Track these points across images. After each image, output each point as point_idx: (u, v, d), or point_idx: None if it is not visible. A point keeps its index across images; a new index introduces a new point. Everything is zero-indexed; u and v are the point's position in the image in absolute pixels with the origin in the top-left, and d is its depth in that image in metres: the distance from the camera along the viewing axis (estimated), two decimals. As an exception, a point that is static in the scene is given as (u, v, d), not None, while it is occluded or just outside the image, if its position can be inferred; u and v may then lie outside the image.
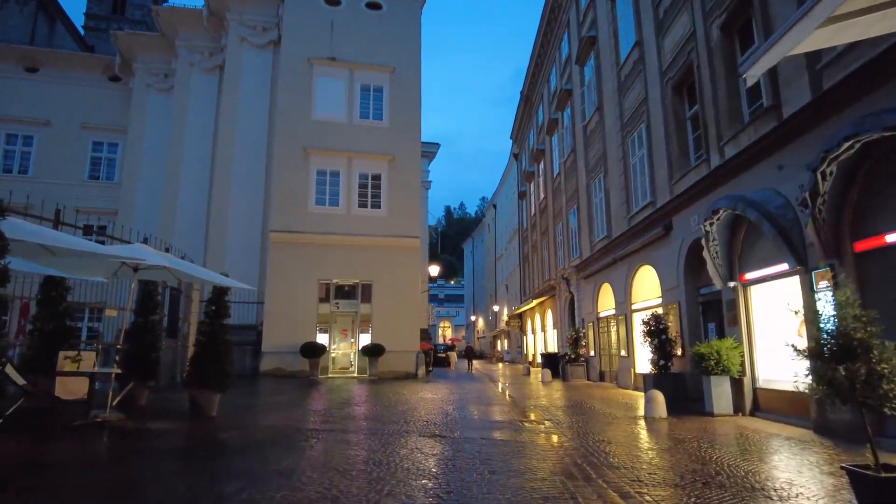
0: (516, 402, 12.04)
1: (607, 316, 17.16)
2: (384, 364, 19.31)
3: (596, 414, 9.77)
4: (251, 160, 22.01)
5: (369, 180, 20.91)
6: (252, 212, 21.34)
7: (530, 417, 9.34)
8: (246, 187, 22.22)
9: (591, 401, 12.10)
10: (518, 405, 11.32)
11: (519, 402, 11.98)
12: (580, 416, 9.51)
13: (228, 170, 22.51)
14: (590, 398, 12.71)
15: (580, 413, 9.89)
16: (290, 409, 9.70)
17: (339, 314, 20.27)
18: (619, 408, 10.81)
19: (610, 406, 11.07)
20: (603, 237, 16.99)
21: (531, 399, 12.63)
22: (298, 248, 19.91)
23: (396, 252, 20.49)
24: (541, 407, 10.95)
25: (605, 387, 15.83)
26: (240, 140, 22.71)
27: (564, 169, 22.37)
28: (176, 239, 21.71)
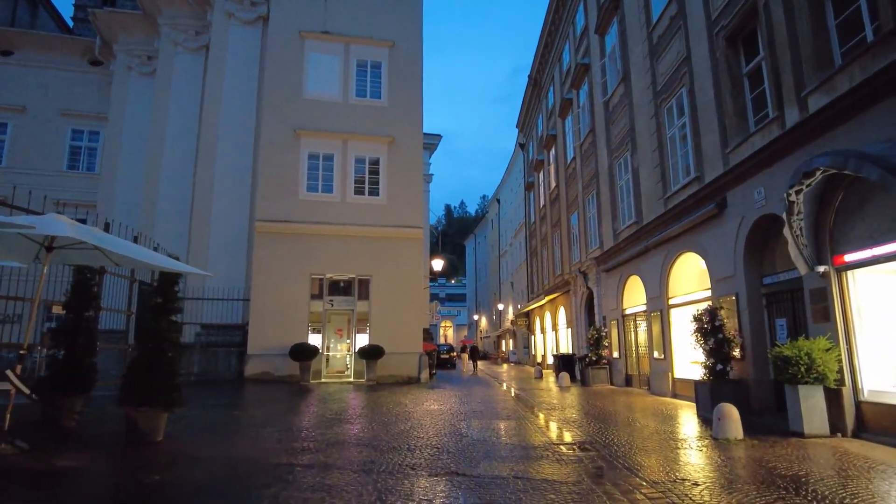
0: (538, 413, 10.09)
1: (636, 313, 15.20)
2: (384, 367, 17.37)
3: (646, 432, 7.82)
4: (238, 147, 20.04)
5: (366, 165, 18.97)
6: (238, 202, 19.36)
7: (565, 438, 7.38)
8: (232, 176, 20.25)
9: (630, 412, 10.14)
10: (543, 418, 9.37)
11: (542, 413, 10.04)
12: (628, 435, 7.55)
13: (212, 157, 20.55)
14: (626, 408, 10.75)
15: (625, 430, 7.93)
16: (264, 428, 7.74)
17: (334, 312, 18.32)
18: (668, 422, 8.86)
19: (656, 419, 9.12)
20: (630, 223, 15.03)
21: (556, 410, 10.67)
22: (288, 240, 17.96)
23: (397, 244, 18.55)
24: (572, 421, 8.99)
25: (635, 393, 13.86)
26: (225, 124, 20.74)
27: (580, 152, 20.41)
28: (157, 232, 19.88)
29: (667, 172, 12.70)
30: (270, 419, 8.74)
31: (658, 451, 6.49)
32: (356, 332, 18.09)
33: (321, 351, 17.69)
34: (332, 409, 10.21)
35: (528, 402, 12.29)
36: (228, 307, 18.25)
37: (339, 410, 9.91)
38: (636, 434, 7.71)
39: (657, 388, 13.19)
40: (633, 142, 14.86)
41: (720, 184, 10.10)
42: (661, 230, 12.68)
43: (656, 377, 13.32)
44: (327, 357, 18.11)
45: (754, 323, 9.31)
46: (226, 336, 18.12)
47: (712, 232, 10.51)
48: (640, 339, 15.05)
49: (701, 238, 11.00)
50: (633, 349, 15.55)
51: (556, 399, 12.93)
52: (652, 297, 13.53)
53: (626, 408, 10.92)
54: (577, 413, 10.14)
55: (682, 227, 11.60)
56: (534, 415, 9.94)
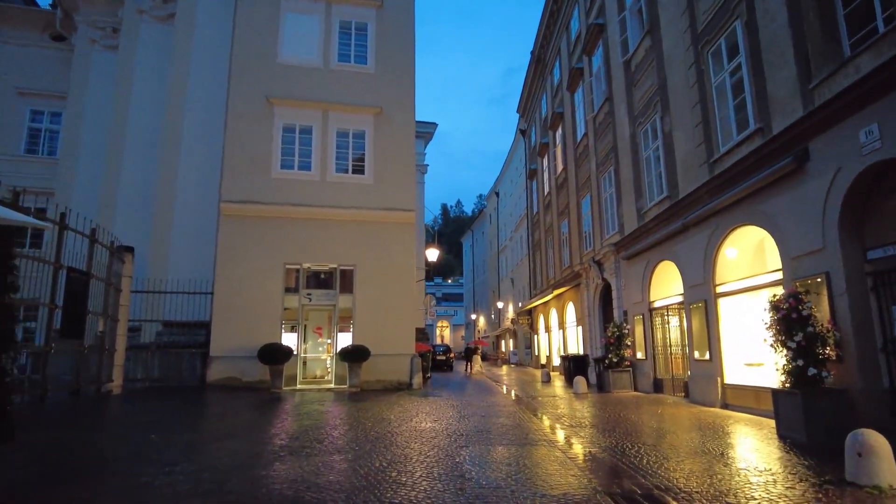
0: (561, 432, 7.66)
1: (667, 305, 12.80)
2: (370, 371, 14.94)
3: (732, 468, 5.39)
4: (208, 124, 17.54)
5: (350, 139, 16.54)
6: (208, 185, 16.80)
7: (623, 483, 4.93)
8: (200, 156, 17.77)
9: (683, 432, 7.70)
10: (573, 443, 6.94)
11: (565, 431, 7.61)
12: (708, 474, 5.12)
13: (178, 135, 18.09)
14: (674, 425, 8.31)
15: (700, 464, 5.49)
16: (164, 473, 5.26)
17: (312, 308, 15.87)
18: (748, 450, 6.44)
19: (728, 444, 6.70)
20: (660, 199, 12.63)
21: (582, 427, 8.23)
22: (258, 224, 15.52)
23: (385, 229, 16.12)
24: (613, 449, 6.55)
25: (670, 401, 11.44)
26: (194, 99, 18.30)
27: (594, 126, 18.00)
28: (119, 220, 17.50)
29: (713, 131, 10.28)
30: (190, 450, 6.26)
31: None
32: (338, 332, 15.64)
33: (296, 353, 15.24)
34: (289, 429, 7.74)
35: (543, 414, 9.85)
36: (194, 302, 15.80)
37: (298, 433, 7.44)
38: (717, 472, 5.26)
39: (700, 396, 10.77)
40: (663, 102, 12.46)
41: (799, 131, 7.69)
42: (706, 202, 10.27)
43: (698, 383, 10.90)
44: (304, 360, 15.65)
45: (857, 312, 6.89)
46: (190, 335, 15.65)
47: (786, 196, 8.09)
48: (673, 337, 12.64)
49: (766, 205, 8.58)
50: (663, 349, 13.14)
51: (577, 410, 10.49)
52: (692, 284, 11.12)
53: (675, 424, 8.49)
54: (615, 434, 7.69)
55: (737, 195, 9.19)
56: (556, 436, 7.50)
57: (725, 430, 7.85)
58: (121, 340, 13.34)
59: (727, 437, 7.31)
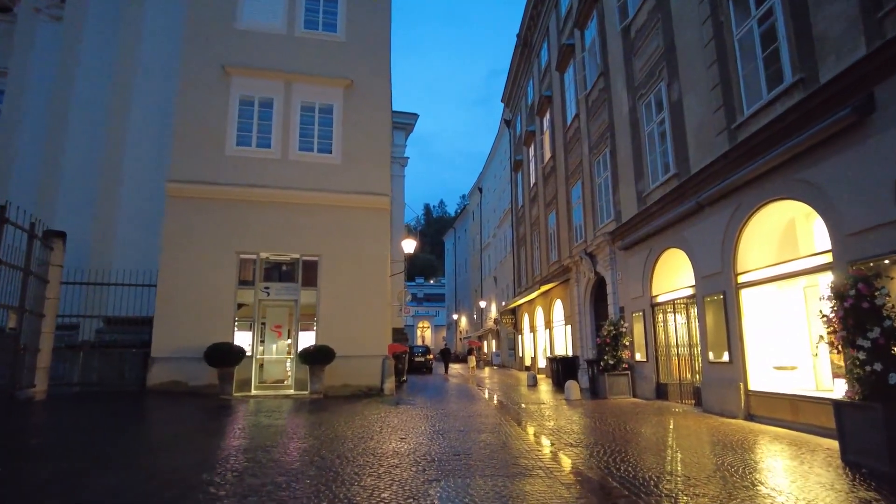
0: (562, 455, 5.99)
1: (674, 300, 11.22)
2: (335, 375, 13.15)
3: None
4: (161, 98, 15.56)
5: (316, 114, 14.73)
6: (159, 165, 14.80)
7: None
8: (150, 132, 15.82)
9: (720, 455, 6.06)
10: (577, 471, 5.26)
11: (568, 455, 5.95)
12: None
13: (126, 110, 16.13)
14: (700, 445, 6.68)
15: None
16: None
17: (270, 304, 14.00)
18: (815, 486, 4.83)
19: (783, 475, 5.10)
20: (666, 178, 11.06)
21: (585, 446, 6.56)
22: (210, 207, 13.63)
23: (355, 215, 14.34)
24: (631, 482, 4.89)
25: (679, 411, 9.84)
26: (145, 69, 16.37)
27: (586, 106, 16.43)
28: (61, 204, 15.46)
29: (734, 92, 8.71)
30: (50, 485, 4.43)
31: None
32: (300, 330, 13.80)
33: (252, 354, 13.37)
34: (209, 455, 5.90)
35: (533, 427, 8.16)
36: (142, 296, 13.84)
37: (218, 460, 5.62)
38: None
39: (716, 405, 9.19)
40: (670, 67, 10.90)
41: (859, 75, 6.13)
42: (726, 176, 8.69)
43: (714, 389, 9.31)
44: (261, 362, 13.76)
45: (945, 300, 5.33)
46: (137, 333, 13.65)
47: (838, 159, 6.53)
48: (681, 336, 11.07)
49: (810, 173, 7.01)
50: (667, 350, 11.57)
51: (573, 422, 8.82)
52: (706, 274, 9.54)
53: (699, 442, 6.85)
54: (629, 459, 6.03)
55: (768, 163, 7.62)
56: (555, 460, 5.80)
57: (768, 452, 6.23)
58: (47, 339, 11.30)
59: (776, 461, 5.70)
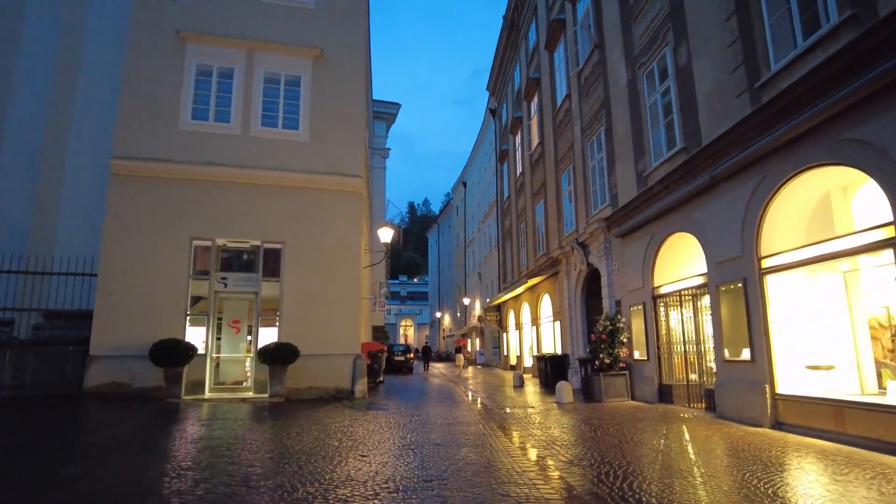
0: (564, 479, 4.69)
1: (679, 291, 9.99)
2: (299, 376, 11.75)
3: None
4: (113, 67, 13.91)
5: (282, 86, 13.28)
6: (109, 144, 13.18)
7: None
8: (102, 106, 14.17)
9: (758, 480, 4.81)
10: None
11: (572, 481, 4.64)
12: None
13: (72, 79, 14.54)
14: (735, 463, 5.41)
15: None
16: None
17: (228, 297, 12.52)
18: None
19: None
20: (673, 153, 9.82)
21: (591, 465, 5.26)
22: (160, 187, 12.13)
23: (324, 198, 12.94)
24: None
25: (689, 417, 8.61)
26: (95, 34, 14.82)
27: (579, 83, 15.18)
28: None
29: (760, 44, 7.48)
30: None
31: None
32: (261, 326, 12.34)
33: (207, 352, 11.88)
34: (113, 480, 4.49)
35: (524, 439, 6.84)
36: (86, 287, 12.32)
37: (117, 488, 4.20)
38: None
39: (733, 411, 7.97)
40: (676, 28, 9.66)
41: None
42: (749, 143, 7.47)
43: (731, 392, 8.09)
44: (217, 361, 12.27)
45: None
46: (78, 329, 12.07)
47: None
48: (688, 331, 9.84)
49: (864, 129, 5.78)
50: (671, 347, 10.35)
51: (570, 432, 7.52)
52: (722, 259, 8.31)
53: (728, 458, 5.59)
54: (648, 483, 4.74)
55: (806, 123, 6.40)
56: (555, 489, 4.49)
57: (826, 474, 4.99)
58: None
59: (846, 488, 4.46)
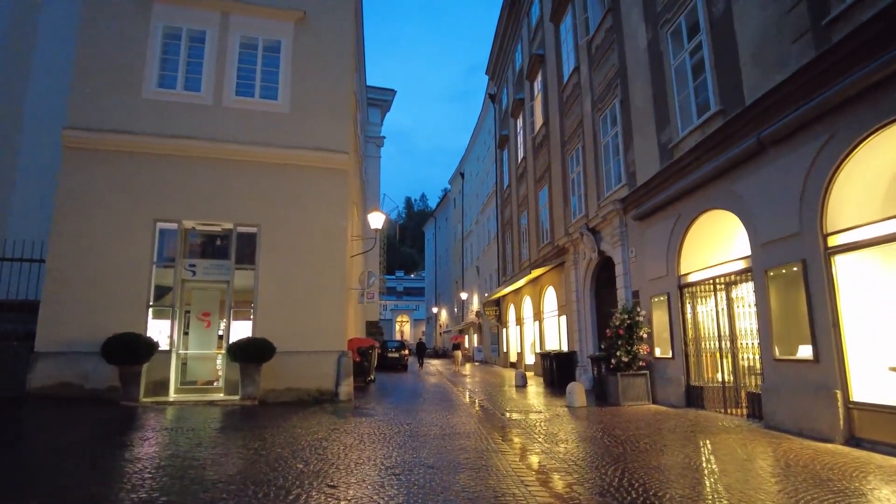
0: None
1: (713, 279, 8.64)
2: (276, 376, 10.39)
3: None
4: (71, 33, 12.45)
5: (260, 52, 11.86)
6: None
7: None
8: (62, 73, 12.69)
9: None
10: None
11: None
12: None
13: (27, 42, 13.08)
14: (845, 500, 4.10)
15: None
16: None
17: (198, 286, 11.13)
18: None
19: None
20: (706, 118, 8.45)
21: (630, 496, 3.94)
22: (120, 162, 10.72)
23: (306, 177, 11.56)
24: None
25: (731, 426, 7.27)
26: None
27: (589, 53, 13.80)
28: None
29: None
30: None
31: None
32: (233, 319, 10.95)
33: (172, 348, 10.49)
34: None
35: (535, 456, 5.50)
36: (35, 275, 10.98)
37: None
38: None
39: (790, 421, 6.63)
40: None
41: None
42: (812, 95, 6.10)
43: (786, 397, 6.74)
44: (184, 359, 10.89)
45: None
46: (25, 322, 10.68)
47: None
48: (722, 326, 8.49)
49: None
50: (702, 343, 9.01)
51: (594, 449, 6.15)
52: (771, 238, 6.96)
53: (822, 491, 4.26)
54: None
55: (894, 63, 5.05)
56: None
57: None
58: None
59: None
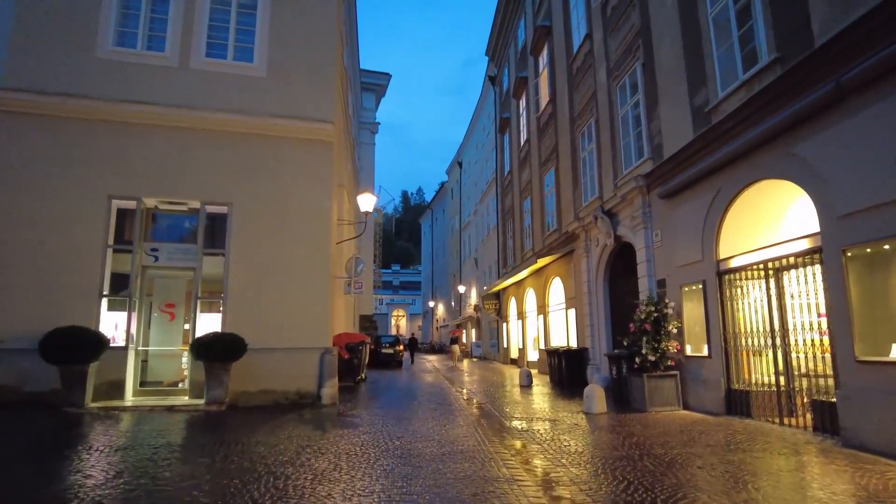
0: None
1: (763, 262, 7.26)
2: (251, 377, 9.00)
3: None
4: None
5: (234, 7, 10.40)
6: None
7: None
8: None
9: None
10: None
11: None
12: None
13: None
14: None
15: None
16: None
17: (161, 273, 9.71)
18: None
19: None
20: (760, 69, 7.03)
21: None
22: (69, 130, 9.25)
23: (285, 149, 10.11)
24: None
25: (796, 441, 5.89)
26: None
27: (604, 17, 12.36)
28: None
29: None
30: None
31: None
32: (201, 312, 9.53)
33: (132, 345, 9.08)
34: None
35: (564, 488, 4.14)
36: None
37: None
38: None
39: (885, 440, 5.27)
40: None
41: None
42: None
43: (874, 409, 5.38)
44: (143, 357, 9.47)
45: None
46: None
47: None
48: (773, 318, 7.12)
49: None
50: (745, 339, 7.65)
51: (641, 476, 4.76)
52: (853, 209, 5.58)
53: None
54: None
55: None
56: None
57: None
58: None
59: None
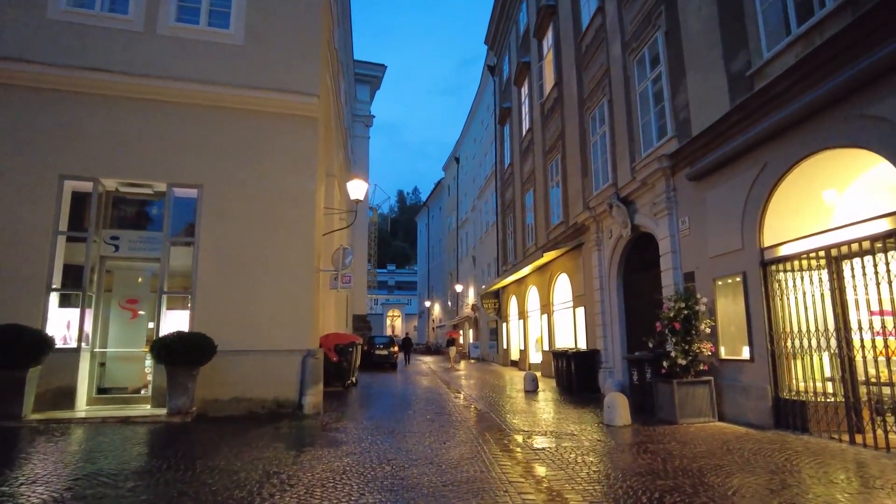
0: None
1: (825, 248, 6.16)
2: (222, 382, 7.84)
3: None
4: None
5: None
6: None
7: None
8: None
9: None
10: None
11: None
12: None
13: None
14: None
15: None
16: None
17: (120, 265, 8.54)
18: None
19: None
20: (819, 20, 5.94)
21: None
22: (13, 101, 8.07)
23: (264, 125, 8.95)
24: None
25: (887, 466, 4.83)
26: None
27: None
28: None
29: None
30: None
31: None
32: (168, 309, 8.35)
33: (86, 346, 7.90)
34: None
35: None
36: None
37: None
38: None
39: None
40: None
41: None
42: None
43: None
44: (101, 360, 8.29)
45: None
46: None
47: None
48: (836, 314, 6.02)
49: None
50: (797, 340, 6.54)
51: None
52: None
53: None
54: None
55: None
56: None
57: None
58: None
59: None
